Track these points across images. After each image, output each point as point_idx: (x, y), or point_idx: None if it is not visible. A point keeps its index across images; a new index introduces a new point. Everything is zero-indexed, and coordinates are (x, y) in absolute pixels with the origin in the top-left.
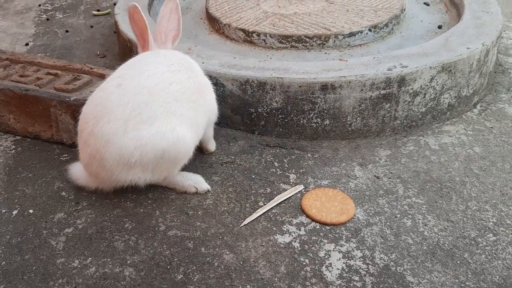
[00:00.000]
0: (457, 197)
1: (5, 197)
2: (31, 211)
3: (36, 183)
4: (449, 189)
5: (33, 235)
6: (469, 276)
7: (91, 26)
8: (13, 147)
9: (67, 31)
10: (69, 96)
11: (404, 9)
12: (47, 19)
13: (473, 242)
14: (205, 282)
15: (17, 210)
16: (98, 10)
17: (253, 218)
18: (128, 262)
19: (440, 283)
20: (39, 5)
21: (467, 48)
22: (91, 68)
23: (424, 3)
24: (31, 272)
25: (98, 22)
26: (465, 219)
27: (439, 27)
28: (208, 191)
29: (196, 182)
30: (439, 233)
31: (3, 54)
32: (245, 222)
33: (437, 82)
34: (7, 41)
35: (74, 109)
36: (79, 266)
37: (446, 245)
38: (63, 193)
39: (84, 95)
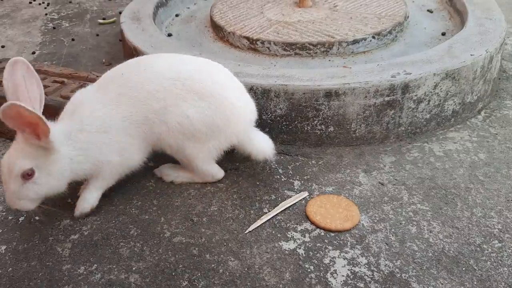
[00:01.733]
0: (462, 204)
1: None
2: (37, 217)
3: None
4: (454, 195)
5: (39, 242)
6: (475, 283)
7: (97, 35)
8: None
9: (73, 40)
10: None
11: (408, 17)
12: (54, 28)
13: (478, 249)
14: None
15: (23, 217)
16: (103, 19)
17: (258, 225)
18: (133, 268)
19: None
20: (46, 14)
21: (471, 55)
22: (97, 76)
23: (428, 10)
24: (37, 279)
25: (104, 30)
26: (470, 225)
27: (443, 34)
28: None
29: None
30: (444, 240)
31: None
32: (250, 228)
33: (441, 88)
34: (14, 49)
35: None
36: (84, 272)
37: (452, 252)
38: (69, 200)
39: None
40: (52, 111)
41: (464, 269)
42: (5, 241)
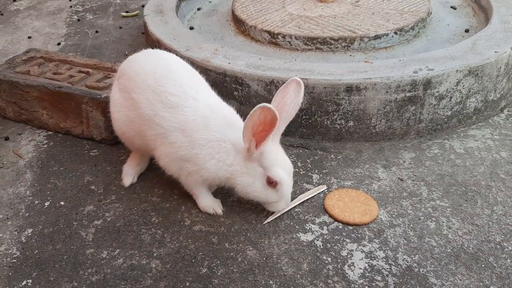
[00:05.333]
0: (483, 201)
1: (38, 189)
2: (62, 203)
3: (67, 177)
4: (474, 193)
5: (64, 226)
6: (494, 280)
7: (120, 27)
8: (46, 141)
9: (97, 32)
10: (100, 94)
11: (431, 13)
12: (78, 20)
13: (498, 246)
14: (228, 276)
15: (49, 202)
16: (127, 12)
17: (276, 216)
18: (155, 254)
19: (463, 286)
20: (70, 7)
21: (495, 52)
22: None
23: (451, 7)
24: (62, 261)
25: (127, 23)
26: (490, 223)
27: (466, 30)
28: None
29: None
30: (463, 237)
31: (38, 53)
32: (268, 219)
33: (463, 85)
34: (40, 40)
35: (105, 106)
36: (107, 257)
37: (471, 248)
38: (93, 187)
39: None
40: (78, 100)
41: (483, 266)
42: (31, 224)
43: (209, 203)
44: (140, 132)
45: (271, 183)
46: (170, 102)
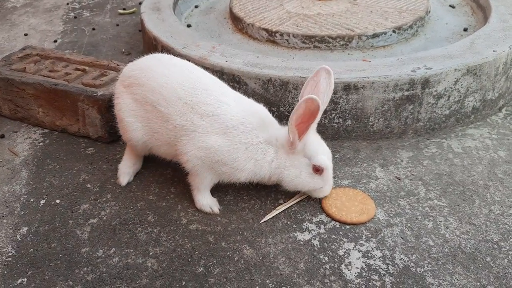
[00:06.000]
0: (480, 201)
1: (33, 187)
2: (58, 201)
3: (63, 175)
4: (472, 192)
5: (59, 225)
6: (491, 279)
7: (117, 25)
8: (41, 139)
9: (93, 29)
10: (96, 91)
11: (429, 11)
12: (75, 17)
13: (496, 246)
14: (225, 275)
15: (44, 200)
16: (124, 9)
17: (273, 215)
18: (151, 253)
19: (461, 286)
20: (67, 4)
21: (494, 51)
22: (118, 65)
23: (450, 6)
24: (57, 260)
25: (124, 20)
26: (488, 222)
27: (465, 29)
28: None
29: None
30: (461, 236)
31: (34, 50)
32: (265, 218)
33: (461, 84)
34: (36, 37)
35: (101, 104)
36: (103, 255)
37: (468, 248)
38: (88, 185)
39: (110, 90)
40: (74, 98)
41: (480, 265)
42: (27, 222)
43: (207, 202)
44: (170, 142)
45: (318, 170)
46: (206, 112)
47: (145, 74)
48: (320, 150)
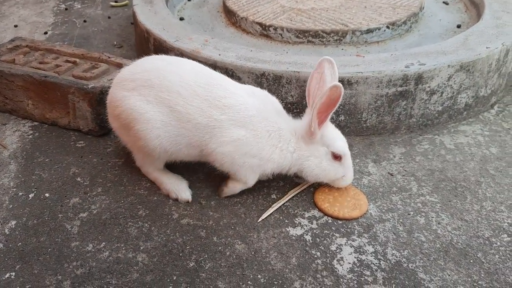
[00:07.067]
0: (472, 197)
1: (22, 181)
2: (47, 195)
3: (53, 168)
4: (464, 188)
5: (49, 218)
6: (482, 275)
7: (109, 17)
8: (31, 132)
9: (85, 21)
10: (87, 84)
11: (423, 7)
12: (66, 9)
13: (487, 242)
14: (216, 270)
15: (33, 194)
16: (115, 1)
17: (270, 212)
18: (141, 248)
19: (452, 281)
20: None
21: (487, 48)
22: (109, 57)
23: (444, 2)
24: (46, 254)
25: (116, 13)
26: (479, 219)
27: (458, 26)
28: (188, 201)
29: (178, 189)
30: (452, 232)
31: (23, 42)
32: (262, 217)
33: (455, 81)
34: (26, 29)
35: (92, 97)
36: (93, 250)
37: (460, 244)
38: (79, 179)
39: (101, 83)
40: (64, 90)
41: (471, 261)
42: (15, 216)
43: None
44: (191, 143)
45: (337, 157)
46: (225, 104)
47: (154, 75)
48: (337, 137)
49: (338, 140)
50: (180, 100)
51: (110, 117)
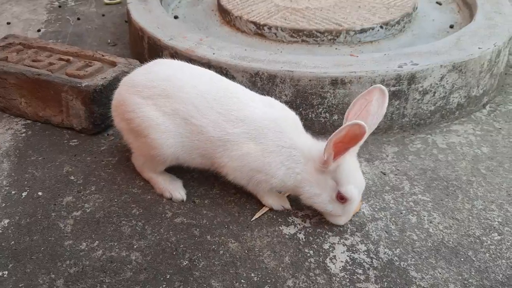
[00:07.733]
0: (463, 196)
1: (15, 179)
2: (40, 193)
3: (46, 167)
4: (456, 187)
5: (42, 217)
6: (473, 273)
7: (103, 15)
8: (24, 130)
9: (78, 19)
10: (80, 82)
11: (416, 8)
12: (59, 6)
13: (477, 240)
14: (210, 269)
15: (26, 192)
16: None
17: (263, 212)
18: (135, 246)
19: (443, 279)
20: None
21: (479, 48)
22: (103, 56)
23: (437, 2)
24: (39, 253)
25: (110, 11)
26: (470, 217)
27: (451, 26)
28: (182, 200)
29: (172, 188)
30: (444, 231)
31: (16, 39)
32: (256, 216)
33: (447, 81)
34: (19, 26)
35: (85, 95)
36: (86, 248)
37: (451, 242)
38: (72, 177)
39: (95, 81)
40: (57, 88)
41: (462, 259)
42: (8, 215)
43: (276, 201)
44: (205, 155)
45: (342, 199)
46: (237, 117)
47: (171, 85)
48: (352, 179)
49: (351, 184)
50: (195, 112)
51: (117, 118)
